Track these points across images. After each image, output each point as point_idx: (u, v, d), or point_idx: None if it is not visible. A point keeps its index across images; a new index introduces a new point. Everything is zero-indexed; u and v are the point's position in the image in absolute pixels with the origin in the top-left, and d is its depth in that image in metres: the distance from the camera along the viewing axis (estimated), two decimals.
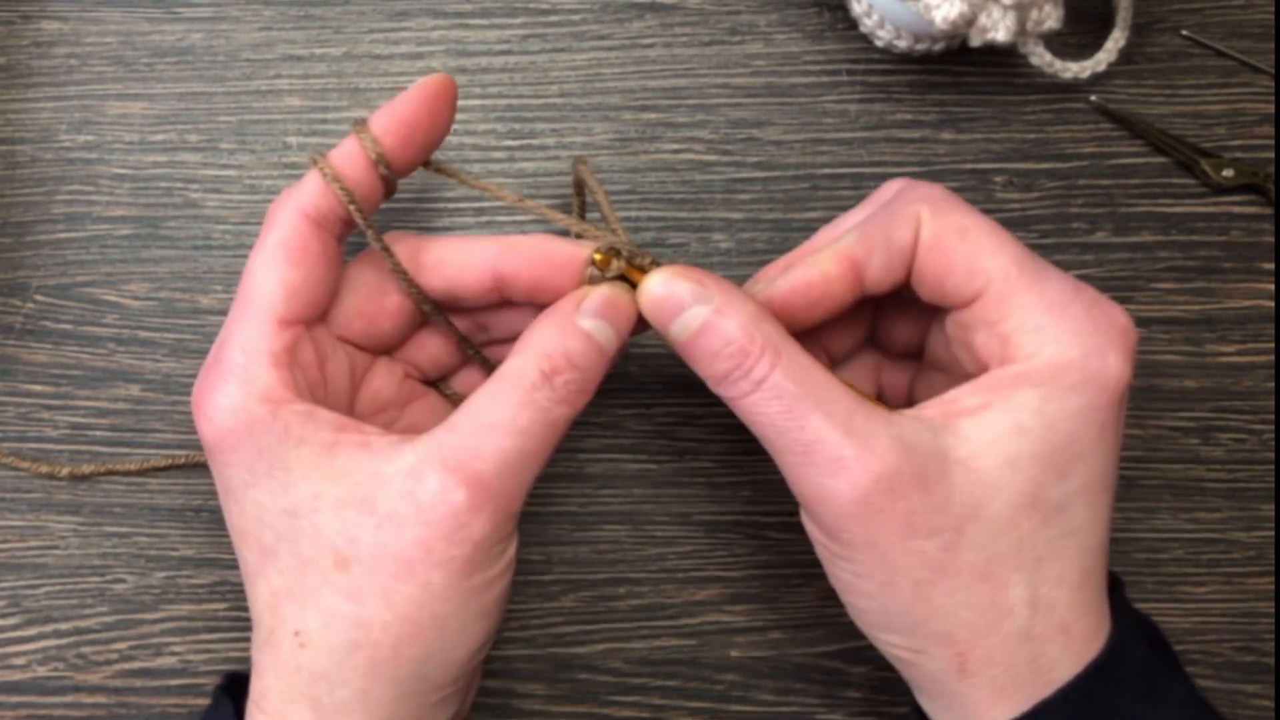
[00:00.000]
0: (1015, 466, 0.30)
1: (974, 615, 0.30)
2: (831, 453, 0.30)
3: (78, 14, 0.43)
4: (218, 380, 0.31)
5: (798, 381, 0.30)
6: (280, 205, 0.33)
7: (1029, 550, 0.30)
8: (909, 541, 0.30)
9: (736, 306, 0.31)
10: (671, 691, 0.39)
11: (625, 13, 0.43)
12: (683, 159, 0.42)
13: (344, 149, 0.33)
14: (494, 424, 0.30)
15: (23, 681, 0.39)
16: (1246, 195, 0.42)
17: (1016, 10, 0.38)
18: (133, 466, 0.40)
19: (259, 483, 0.31)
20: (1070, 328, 0.30)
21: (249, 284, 0.32)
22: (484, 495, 0.30)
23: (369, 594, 0.30)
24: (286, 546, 0.31)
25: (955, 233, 0.31)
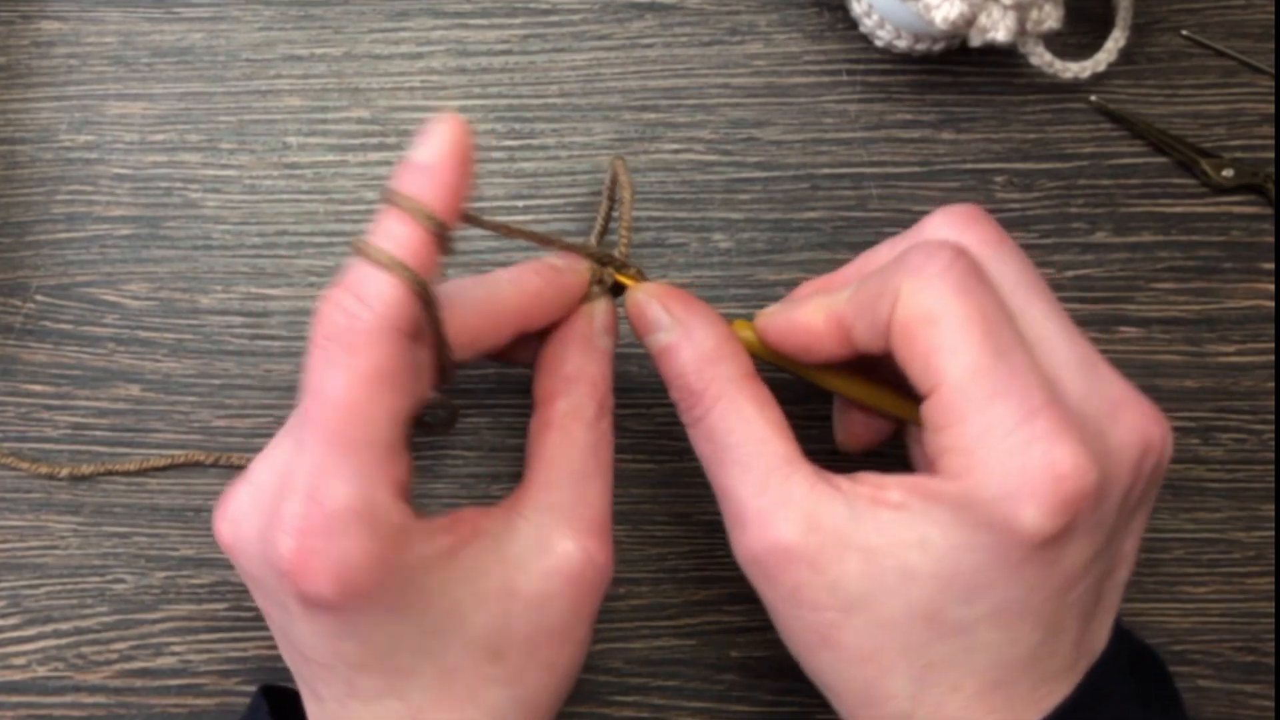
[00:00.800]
0: (912, 577, 0.28)
1: (856, 689, 0.30)
2: (736, 508, 0.30)
3: (78, 14, 0.43)
4: (336, 535, 0.27)
5: (728, 430, 0.31)
6: (360, 321, 0.27)
7: (917, 656, 0.29)
8: (796, 610, 0.30)
9: (695, 341, 0.32)
10: (671, 691, 0.39)
11: (625, 13, 0.43)
12: (683, 159, 0.42)
13: (396, 232, 0.28)
14: (585, 470, 0.32)
15: (23, 681, 0.39)
16: (1246, 195, 0.42)
17: (1016, 10, 0.38)
18: (132, 466, 0.40)
19: (396, 618, 0.29)
20: (998, 463, 0.27)
21: (346, 418, 0.27)
22: (608, 538, 0.32)
23: (529, 671, 0.31)
24: (429, 663, 0.30)
25: (921, 320, 0.29)
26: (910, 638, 0.29)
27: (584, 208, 0.41)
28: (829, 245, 0.41)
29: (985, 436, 0.28)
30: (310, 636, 0.29)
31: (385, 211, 0.28)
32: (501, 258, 0.41)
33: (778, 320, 0.33)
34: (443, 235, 0.28)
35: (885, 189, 0.42)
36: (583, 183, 0.42)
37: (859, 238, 0.41)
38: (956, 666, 0.29)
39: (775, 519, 0.29)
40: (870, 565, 0.29)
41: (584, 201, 0.41)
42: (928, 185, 0.42)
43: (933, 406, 0.29)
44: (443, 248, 0.28)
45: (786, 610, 0.30)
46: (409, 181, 0.28)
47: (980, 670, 0.29)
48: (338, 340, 0.27)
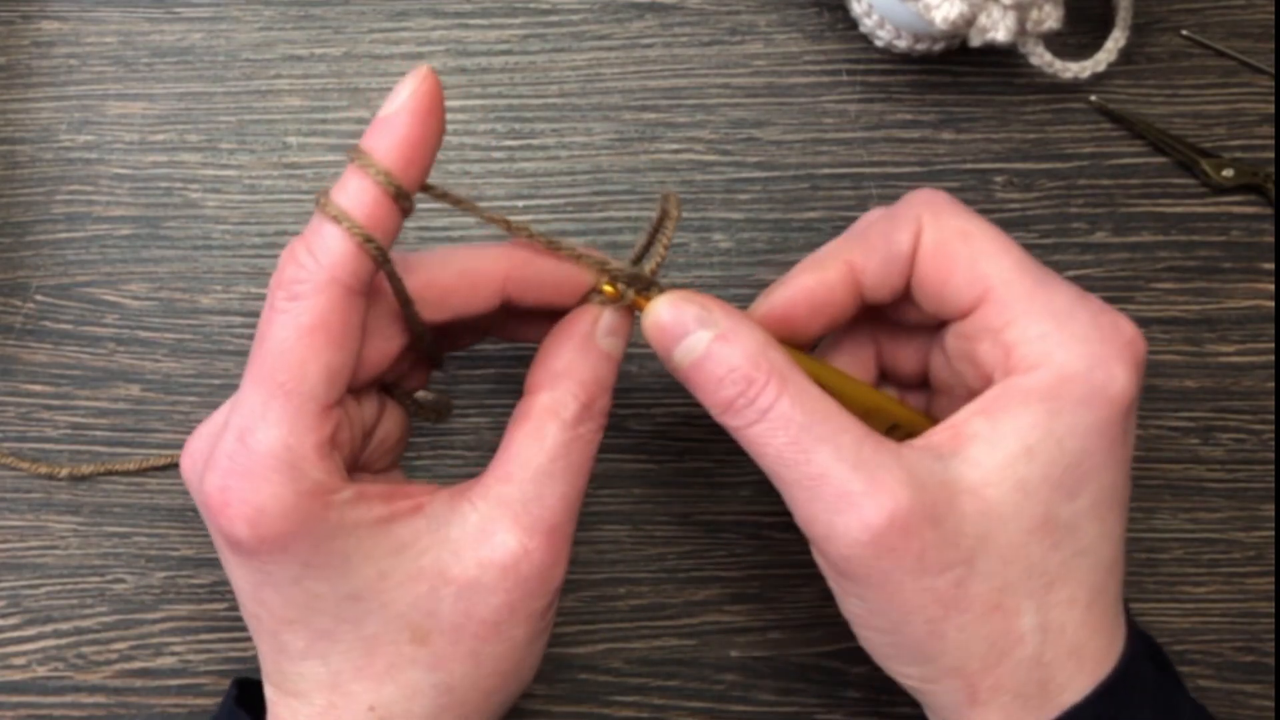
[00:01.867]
0: (1026, 490, 0.29)
1: (985, 647, 0.29)
2: (840, 487, 0.28)
3: (78, 14, 0.43)
4: (255, 478, 0.28)
5: (805, 411, 0.29)
6: (306, 270, 0.28)
7: (1039, 575, 0.29)
8: (921, 579, 0.29)
9: (743, 333, 0.30)
10: (671, 691, 0.39)
11: (625, 13, 0.43)
12: (683, 159, 0.42)
13: (352, 188, 0.28)
14: (548, 469, 0.30)
15: (23, 681, 0.39)
16: (1246, 195, 0.42)
17: (1016, 10, 0.38)
18: (132, 466, 0.40)
19: (313, 575, 0.29)
20: (1076, 336, 0.29)
21: (279, 365, 0.28)
22: (558, 542, 0.30)
23: (454, 660, 0.30)
24: (349, 629, 0.29)
25: (957, 236, 0.31)
26: (1032, 557, 0.29)
27: (584, 208, 0.41)
28: None
29: (1056, 316, 0.29)
30: (238, 580, 0.30)
31: (348, 166, 0.28)
32: None
33: (783, 293, 0.32)
34: (397, 193, 0.28)
35: (885, 189, 0.42)
36: (583, 183, 0.42)
37: None
38: (1071, 575, 0.29)
39: (887, 484, 0.28)
40: (981, 501, 0.29)
41: (584, 201, 0.42)
42: (927, 185, 0.42)
43: (987, 312, 0.30)
44: (400, 205, 0.28)
45: (909, 585, 0.29)
46: (371, 137, 0.28)
47: (1087, 575, 0.30)
48: (284, 289, 0.28)
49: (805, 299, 0.32)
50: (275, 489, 0.28)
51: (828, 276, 0.32)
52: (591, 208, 0.41)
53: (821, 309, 0.32)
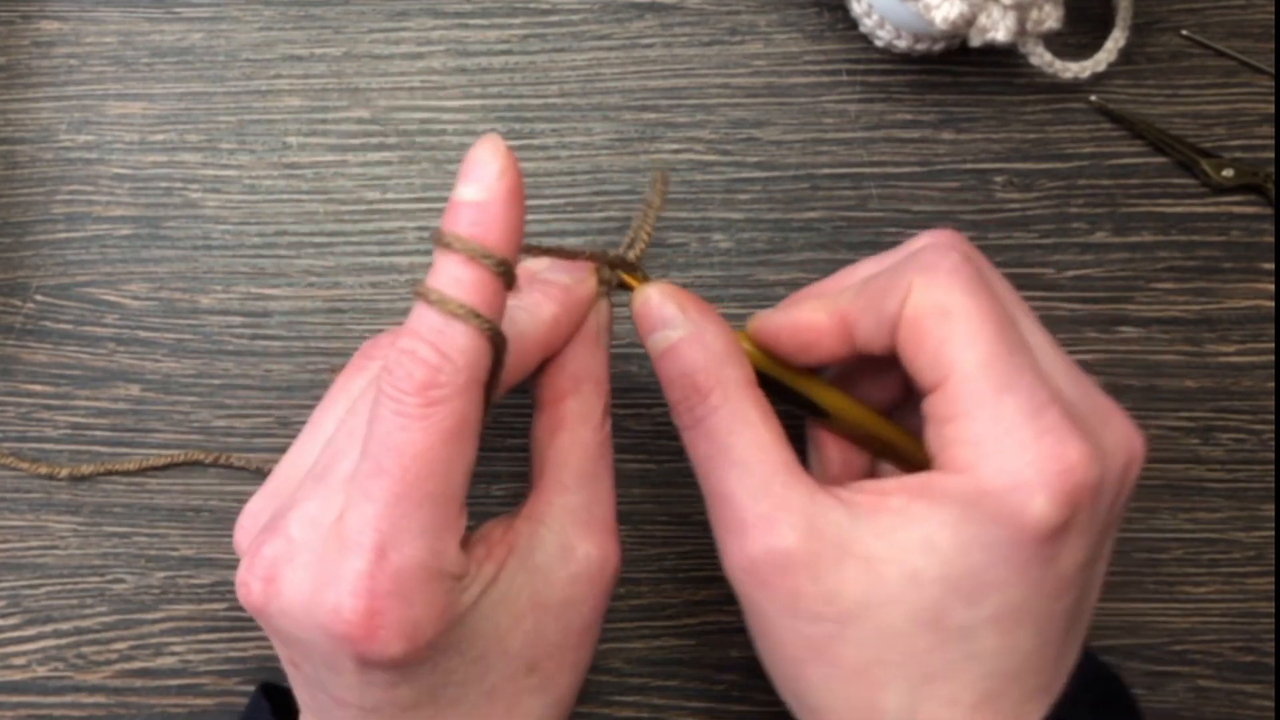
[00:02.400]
0: (917, 582, 0.28)
1: (847, 707, 0.29)
2: (734, 513, 0.30)
3: (78, 14, 0.43)
4: (409, 594, 0.26)
5: (731, 432, 0.30)
6: (443, 375, 0.26)
7: (916, 665, 0.29)
8: (792, 620, 0.29)
9: (707, 341, 0.31)
10: (671, 691, 0.39)
11: (625, 13, 0.43)
12: (683, 159, 0.42)
13: (465, 279, 0.26)
14: (594, 472, 0.32)
15: (23, 681, 0.39)
16: (1246, 195, 0.42)
17: (1016, 10, 0.38)
18: (132, 466, 0.40)
19: (449, 657, 0.28)
20: (1009, 454, 0.28)
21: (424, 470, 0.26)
22: (618, 537, 0.32)
23: (560, 675, 0.31)
24: (474, 688, 0.29)
25: (935, 314, 0.29)
26: (912, 646, 0.28)
27: (584, 207, 0.41)
28: (829, 245, 0.41)
29: (998, 425, 0.28)
30: (359, 689, 0.28)
31: (444, 255, 0.26)
32: None
33: (776, 319, 0.32)
34: (508, 276, 0.27)
35: (885, 189, 0.42)
36: (583, 183, 0.42)
37: (859, 238, 0.41)
38: (956, 676, 0.29)
39: (776, 524, 0.29)
40: (871, 573, 0.28)
41: (584, 201, 0.42)
42: (928, 185, 0.42)
43: (940, 399, 0.29)
44: (508, 287, 0.27)
45: (780, 622, 0.30)
46: (465, 220, 0.26)
47: (977, 680, 0.29)
48: (418, 395, 0.26)
49: (791, 335, 0.32)
50: (432, 599, 0.27)
51: (819, 321, 0.32)
52: (591, 208, 0.41)
53: (810, 348, 0.32)
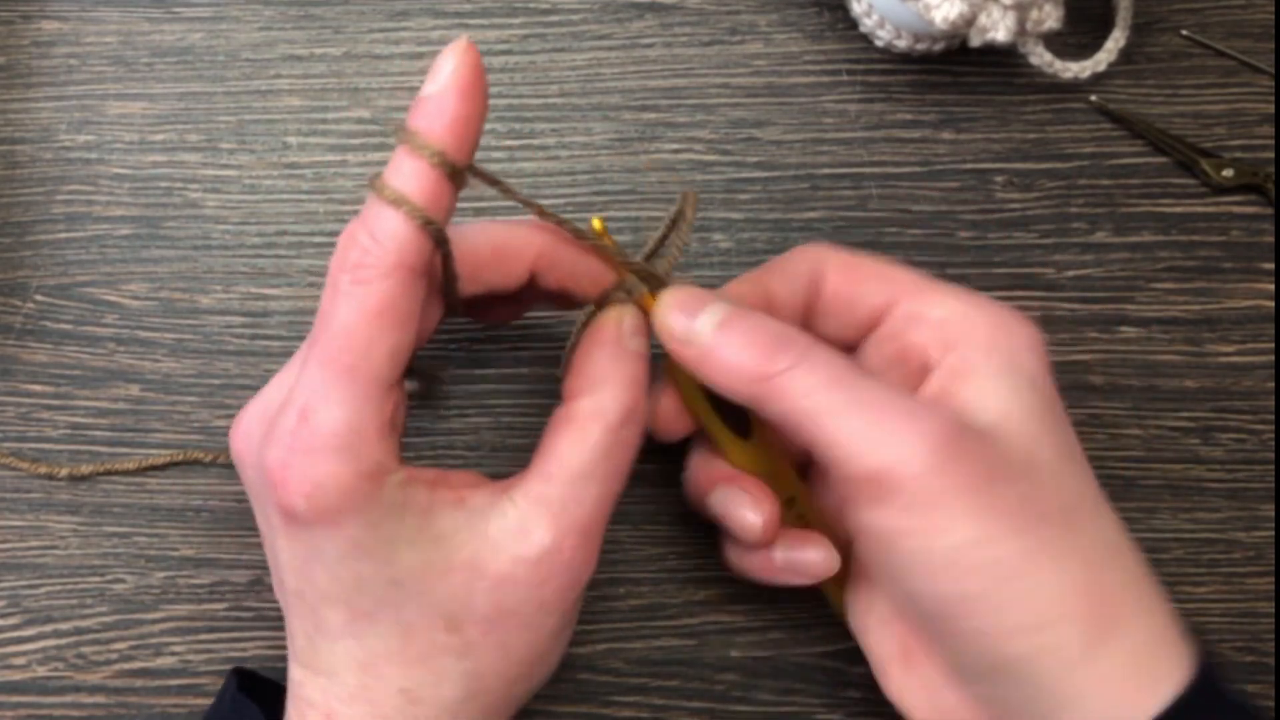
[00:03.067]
0: (1037, 416, 0.31)
1: (1080, 563, 0.29)
2: (898, 404, 0.29)
3: (78, 14, 0.43)
4: (316, 455, 0.28)
5: (841, 357, 0.31)
6: (372, 255, 0.28)
7: (1090, 497, 0.31)
8: (997, 487, 0.29)
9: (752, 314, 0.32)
10: (671, 691, 0.39)
11: (625, 13, 0.43)
12: (683, 159, 0.42)
13: (406, 170, 0.29)
14: (589, 471, 0.31)
15: (23, 681, 0.39)
16: (1246, 195, 0.42)
17: (1016, 10, 0.38)
18: (131, 466, 0.40)
19: (361, 554, 0.29)
20: (988, 308, 0.32)
21: (345, 346, 0.28)
22: (591, 541, 0.31)
23: (484, 650, 0.31)
24: (389, 613, 0.30)
25: (860, 262, 0.34)
26: (1073, 477, 0.31)
27: (584, 208, 0.41)
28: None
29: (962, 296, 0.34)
30: (285, 555, 0.30)
31: (398, 148, 0.29)
32: None
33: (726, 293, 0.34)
34: (452, 172, 0.28)
35: (885, 189, 0.42)
36: (583, 183, 0.42)
37: (859, 238, 0.41)
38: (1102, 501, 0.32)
39: (933, 408, 0.30)
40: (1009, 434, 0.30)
41: (584, 201, 0.42)
42: (928, 185, 0.42)
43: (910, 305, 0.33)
44: (455, 183, 0.29)
45: (987, 491, 0.29)
46: (418, 116, 0.29)
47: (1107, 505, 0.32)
48: (350, 272, 0.29)
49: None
50: (334, 467, 0.28)
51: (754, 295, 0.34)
52: (591, 208, 0.41)
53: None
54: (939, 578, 0.29)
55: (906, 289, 0.33)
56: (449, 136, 0.29)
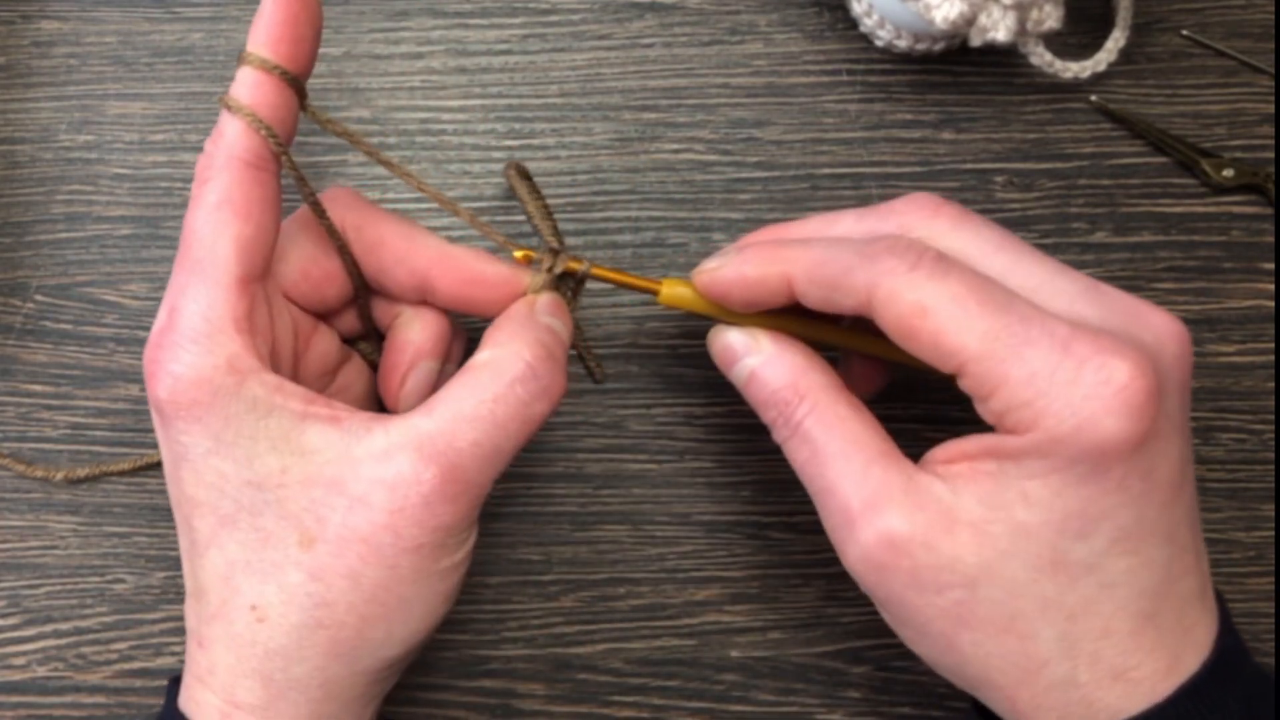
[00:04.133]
0: (1026, 533, 0.29)
1: (1007, 664, 0.30)
2: (842, 503, 0.31)
3: (78, 14, 0.43)
4: (175, 346, 0.30)
5: (826, 429, 0.31)
6: (211, 157, 0.31)
7: (1056, 609, 0.29)
8: (922, 595, 0.30)
9: (785, 359, 0.33)
10: (671, 691, 0.39)
11: (625, 13, 0.43)
12: (683, 159, 0.42)
13: (244, 82, 0.31)
14: (472, 415, 0.31)
15: (23, 681, 0.39)
16: (1246, 195, 0.42)
17: (1016, 10, 0.38)
18: (126, 466, 0.40)
19: (223, 451, 0.30)
20: (1060, 399, 0.28)
21: (196, 244, 0.31)
22: (457, 483, 0.30)
23: (335, 575, 0.30)
24: (247, 518, 0.30)
25: (915, 315, 0.29)
26: (1042, 592, 0.29)
27: (584, 207, 0.41)
28: None
29: (1035, 382, 0.28)
30: (166, 466, 0.32)
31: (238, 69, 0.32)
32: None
33: (725, 274, 0.33)
34: (282, 74, 0.31)
35: (885, 189, 0.42)
36: (583, 183, 0.42)
37: None
38: (1099, 608, 0.29)
39: (881, 508, 0.30)
40: (981, 534, 0.29)
41: (584, 201, 0.42)
42: (928, 185, 0.42)
43: (969, 383, 0.29)
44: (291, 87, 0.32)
45: (912, 600, 0.30)
46: (251, 34, 0.32)
47: (1125, 605, 0.29)
48: (196, 179, 0.31)
49: (741, 288, 0.33)
50: (192, 358, 0.30)
51: (768, 279, 0.33)
52: (591, 208, 0.41)
53: (754, 301, 0.33)
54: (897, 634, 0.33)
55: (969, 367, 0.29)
56: (268, 39, 0.31)
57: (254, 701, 0.31)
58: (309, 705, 0.31)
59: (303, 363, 0.35)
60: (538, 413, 0.32)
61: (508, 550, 0.40)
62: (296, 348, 0.34)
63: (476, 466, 0.31)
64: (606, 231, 0.41)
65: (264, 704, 0.31)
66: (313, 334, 0.35)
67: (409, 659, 0.32)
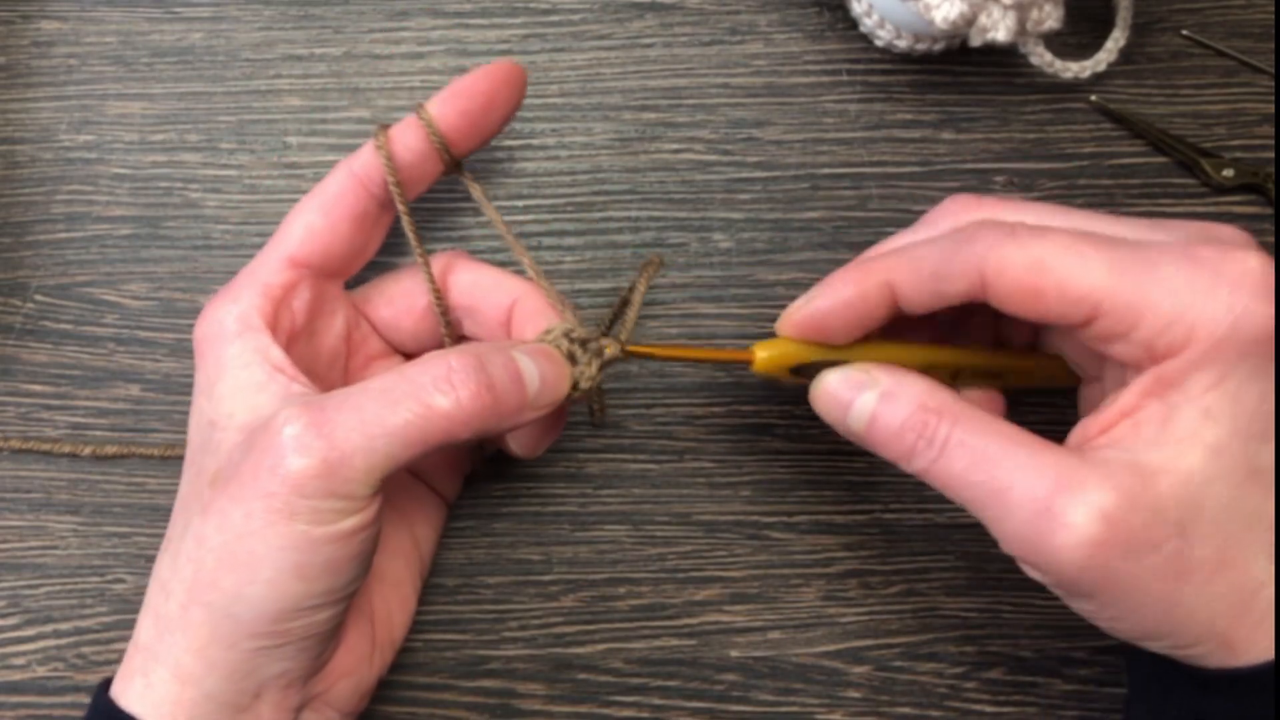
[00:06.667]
0: (1217, 450, 0.29)
1: (1227, 604, 0.29)
2: (1027, 497, 0.29)
3: (78, 14, 0.43)
4: (220, 297, 0.34)
5: (979, 434, 0.30)
6: (337, 166, 0.36)
7: (1260, 522, 0.29)
8: (1138, 562, 0.29)
9: (907, 384, 0.31)
10: (671, 691, 0.39)
11: (625, 13, 0.43)
12: (683, 159, 0.42)
13: (405, 125, 0.35)
14: (372, 387, 0.30)
15: (23, 681, 0.39)
16: (1246, 195, 0.42)
17: (1016, 10, 0.38)
18: (156, 452, 0.40)
19: (202, 391, 0.33)
20: (1207, 303, 0.29)
21: (281, 224, 0.35)
22: (319, 440, 0.29)
23: (214, 513, 0.31)
24: (198, 456, 0.33)
25: (1033, 273, 0.30)
26: (1248, 507, 0.29)
27: (584, 207, 0.41)
28: (829, 245, 0.41)
29: (1178, 295, 0.29)
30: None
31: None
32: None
33: (820, 304, 0.32)
34: (432, 135, 0.35)
35: (885, 189, 0.42)
36: (583, 183, 0.42)
37: (859, 238, 0.41)
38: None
39: (1079, 486, 0.29)
40: (1178, 474, 0.29)
41: (584, 201, 0.42)
42: (928, 185, 0.42)
43: (1107, 324, 0.29)
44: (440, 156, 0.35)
45: (1130, 569, 0.29)
46: (442, 91, 0.35)
47: None
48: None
49: (842, 311, 0.32)
50: (221, 303, 0.34)
51: (868, 293, 0.32)
52: (591, 208, 0.41)
53: (857, 322, 0.33)
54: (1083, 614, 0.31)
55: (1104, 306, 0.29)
56: (448, 112, 0.35)
57: (146, 640, 0.32)
58: (181, 654, 0.31)
59: (357, 378, 0.37)
60: (440, 407, 0.30)
61: (508, 550, 0.40)
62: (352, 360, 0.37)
63: (352, 435, 0.30)
64: (606, 231, 0.41)
65: (150, 642, 0.32)
66: (381, 360, 0.38)
67: (276, 638, 0.31)
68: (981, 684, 0.39)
